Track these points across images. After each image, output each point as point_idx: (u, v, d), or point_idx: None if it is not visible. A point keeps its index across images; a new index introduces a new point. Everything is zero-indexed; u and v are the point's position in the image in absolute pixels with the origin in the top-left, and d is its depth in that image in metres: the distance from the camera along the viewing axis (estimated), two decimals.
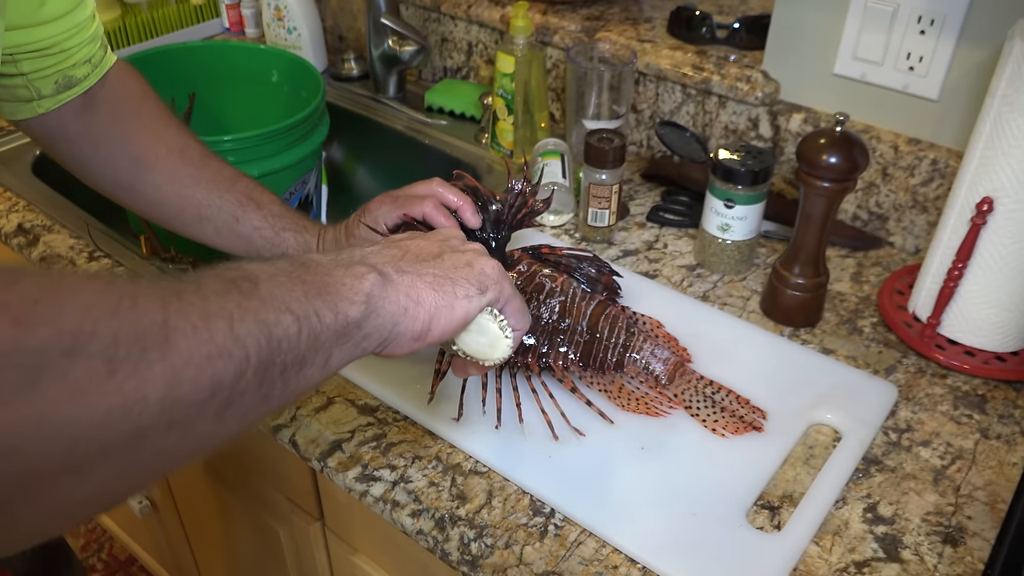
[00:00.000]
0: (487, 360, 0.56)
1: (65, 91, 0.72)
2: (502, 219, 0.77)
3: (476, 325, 0.55)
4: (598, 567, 0.61)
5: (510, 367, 0.73)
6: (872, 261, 0.92)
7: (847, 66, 0.90)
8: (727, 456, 0.69)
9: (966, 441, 0.71)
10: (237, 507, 1.01)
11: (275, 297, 0.41)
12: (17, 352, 0.29)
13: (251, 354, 0.38)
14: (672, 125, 0.93)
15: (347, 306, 0.46)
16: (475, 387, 0.74)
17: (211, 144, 0.98)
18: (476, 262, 0.54)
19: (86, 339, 0.31)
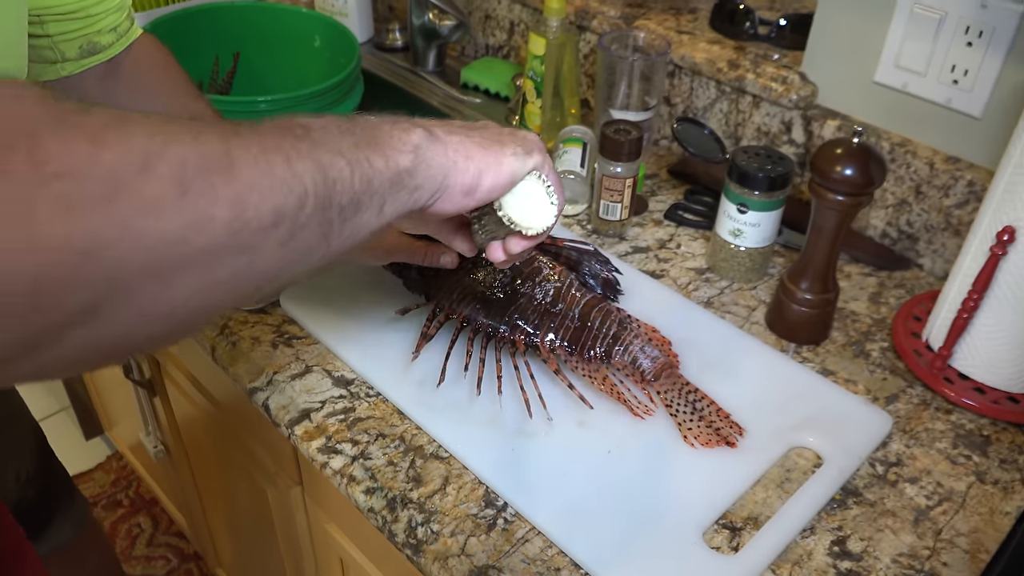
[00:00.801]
0: (531, 228, 0.54)
1: (89, 56, 0.73)
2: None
3: (522, 188, 0.54)
4: (540, 567, 0.60)
5: (496, 342, 0.72)
6: (896, 282, 0.87)
7: (888, 74, 0.85)
8: (695, 469, 0.66)
9: (959, 483, 0.67)
10: (235, 462, 1.03)
11: (327, 142, 0.42)
12: (97, 167, 0.31)
13: (308, 190, 0.40)
14: (691, 121, 0.90)
15: (397, 155, 0.46)
16: (458, 356, 0.73)
17: (246, 105, 1.00)
18: (520, 130, 0.55)
19: (156, 160, 0.33)
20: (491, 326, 0.72)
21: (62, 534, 1.05)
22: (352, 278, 0.82)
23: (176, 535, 1.64)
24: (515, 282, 0.74)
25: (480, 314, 0.73)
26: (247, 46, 1.18)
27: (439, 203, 0.50)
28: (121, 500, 1.71)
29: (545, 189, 0.54)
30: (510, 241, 0.57)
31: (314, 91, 1.01)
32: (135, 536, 1.65)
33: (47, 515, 1.01)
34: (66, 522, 1.05)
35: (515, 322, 0.72)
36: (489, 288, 0.74)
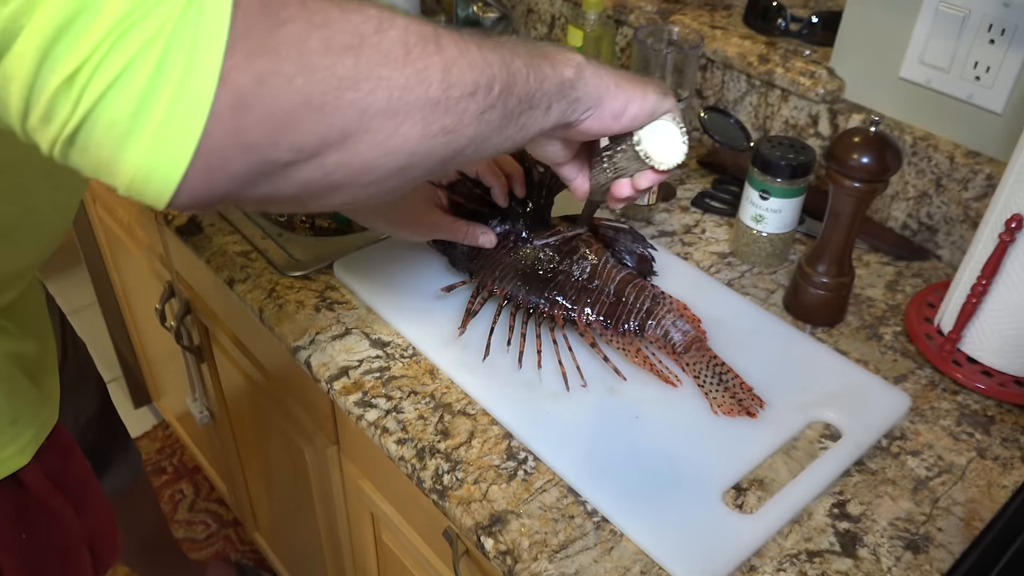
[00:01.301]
0: (662, 164, 0.59)
1: None
2: (544, 183, 0.81)
3: (659, 125, 0.59)
4: (555, 514, 0.65)
5: (536, 317, 0.77)
6: (913, 272, 0.90)
7: (913, 70, 0.88)
8: (719, 437, 0.70)
9: (959, 457, 0.70)
10: (275, 425, 1.09)
11: (506, 46, 0.50)
12: (346, 23, 0.40)
13: (496, 75, 0.47)
14: (717, 110, 0.93)
15: (562, 67, 0.53)
16: (501, 331, 0.78)
17: None
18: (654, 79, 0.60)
19: (387, 26, 0.42)
20: (531, 302, 0.77)
21: (121, 477, 1.12)
22: (401, 257, 0.88)
23: (216, 502, 1.71)
24: (554, 260, 0.78)
25: (521, 291, 0.77)
26: None
27: (589, 121, 0.56)
28: (165, 467, 1.79)
29: (678, 128, 0.59)
30: (640, 176, 0.61)
31: None
32: (177, 501, 1.73)
33: (105, 459, 1.08)
34: (123, 467, 1.12)
35: (554, 298, 0.77)
36: (529, 266, 0.78)
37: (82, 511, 0.75)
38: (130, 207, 1.22)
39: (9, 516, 0.69)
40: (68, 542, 0.74)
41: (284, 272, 0.87)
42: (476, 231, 0.78)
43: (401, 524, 0.86)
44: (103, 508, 0.80)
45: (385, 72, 0.41)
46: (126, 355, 1.76)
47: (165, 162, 0.37)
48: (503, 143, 0.51)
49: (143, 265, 1.31)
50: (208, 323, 1.14)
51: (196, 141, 0.36)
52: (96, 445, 1.05)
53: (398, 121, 0.42)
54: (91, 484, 0.78)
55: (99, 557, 0.78)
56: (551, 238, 0.80)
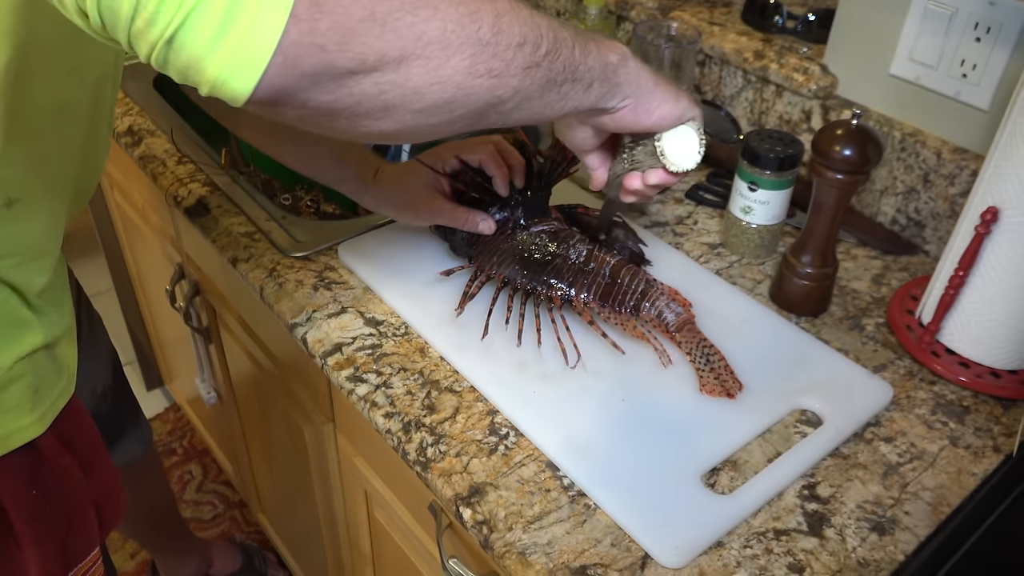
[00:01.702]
0: (674, 165, 0.63)
1: None
2: (543, 173, 0.84)
3: (682, 129, 0.62)
4: (532, 487, 0.67)
5: (534, 299, 0.79)
6: (900, 266, 0.91)
7: (903, 67, 0.89)
8: (702, 420, 0.72)
9: (932, 445, 0.72)
10: (277, 405, 1.12)
11: (555, 20, 0.53)
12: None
13: (543, 35, 0.50)
14: (708, 103, 0.95)
15: (607, 52, 0.56)
16: (499, 313, 0.80)
17: None
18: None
19: None
20: (529, 284, 0.79)
21: (132, 450, 1.16)
22: (402, 241, 0.90)
23: (223, 483, 1.75)
24: (549, 247, 0.81)
25: (519, 274, 0.80)
26: None
27: (624, 112, 0.59)
28: (176, 449, 1.83)
29: (699, 137, 0.62)
30: (651, 173, 0.65)
31: None
32: (186, 482, 1.77)
33: (118, 430, 1.12)
34: (135, 439, 1.16)
35: (551, 281, 0.79)
36: (527, 252, 0.81)
37: (90, 473, 0.79)
38: (145, 191, 1.26)
39: (23, 476, 0.72)
40: (75, 501, 0.77)
41: (286, 253, 0.90)
42: (476, 217, 0.81)
43: (391, 500, 0.89)
44: (109, 472, 0.83)
45: (442, 4, 0.45)
46: (140, 339, 1.80)
47: (250, 57, 0.41)
48: (543, 108, 0.54)
49: (156, 249, 1.35)
50: (216, 304, 1.18)
51: (278, 38, 0.41)
52: (109, 415, 1.08)
53: (450, 53, 0.45)
54: (99, 449, 0.82)
55: (104, 518, 0.82)
56: (547, 225, 0.83)
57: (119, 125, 1.12)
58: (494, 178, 0.82)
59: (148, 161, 1.06)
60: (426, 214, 0.83)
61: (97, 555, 0.80)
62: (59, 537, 0.75)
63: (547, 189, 0.84)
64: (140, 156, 1.07)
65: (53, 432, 0.73)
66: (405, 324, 0.81)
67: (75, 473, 0.76)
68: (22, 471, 0.72)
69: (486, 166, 0.82)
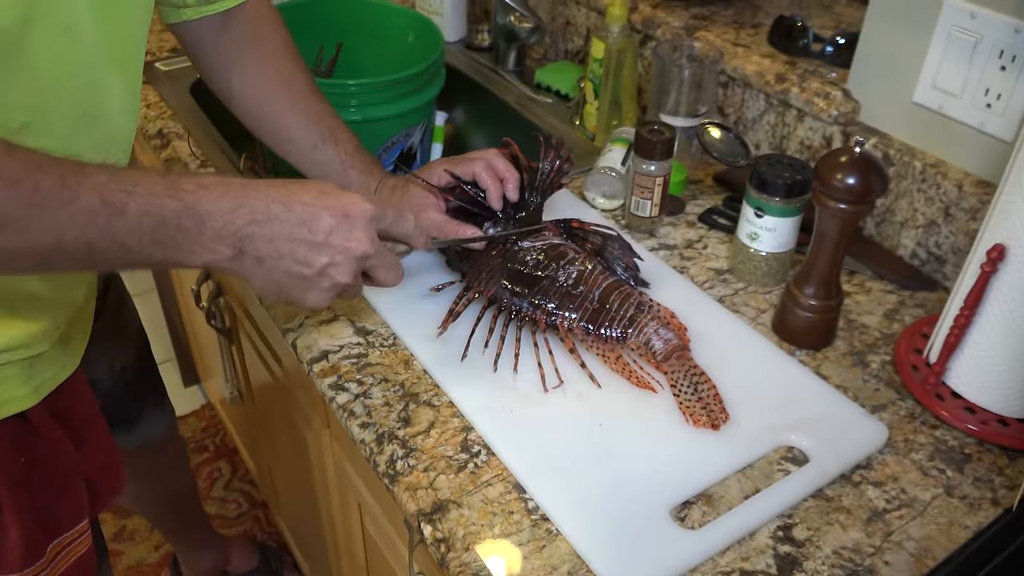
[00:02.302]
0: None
1: (205, 5, 0.85)
2: (535, 186, 0.83)
3: None
4: (495, 508, 0.66)
5: (518, 320, 0.78)
6: (916, 302, 0.87)
7: (926, 95, 0.86)
8: (680, 451, 0.70)
9: (924, 493, 0.68)
10: (284, 409, 1.13)
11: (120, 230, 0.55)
12: None
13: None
14: (717, 125, 0.93)
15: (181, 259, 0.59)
16: (482, 332, 0.79)
17: (338, 87, 1.10)
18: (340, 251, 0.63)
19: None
20: (515, 304, 0.78)
21: (154, 430, 1.19)
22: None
23: (250, 483, 1.78)
24: (540, 264, 0.79)
25: (506, 293, 0.79)
26: (349, 37, 1.29)
27: None
28: (208, 446, 1.87)
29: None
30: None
31: (395, 79, 1.10)
32: (215, 479, 1.80)
33: (137, 409, 1.15)
34: (157, 420, 1.19)
35: (537, 302, 0.78)
36: (516, 269, 0.80)
37: (83, 447, 0.81)
38: None
39: (11, 444, 0.75)
40: (64, 473, 0.79)
41: None
42: (467, 231, 0.81)
43: (376, 510, 0.89)
44: (107, 448, 0.86)
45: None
46: (180, 337, 1.85)
47: None
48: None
49: None
50: (235, 306, 1.20)
51: None
52: (129, 393, 1.11)
53: None
54: (96, 425, 0.84)
55: (98, 492, 0.85)
56: (538, 241, 0.82)
57: (150, 128, 1.15)
58: (487, 191, 0.81)
59: (173, 164, 1.09)
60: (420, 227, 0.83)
61: (85, 527, 0.82)
62: (45, 506, 0.78)
63: (541, 203, 0.84)
64: (166, 159, 1.10)
65: (46, 405, 0.76)
66: (394, 335, 0.81)
67: (66, 446, 0.78)
68: (11, 439, 0.74)
69: (479, 179, 0.81)
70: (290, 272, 0.62)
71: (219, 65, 0.88)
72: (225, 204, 0.59)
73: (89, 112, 0.68)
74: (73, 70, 0.64)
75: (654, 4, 1.14)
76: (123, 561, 1.63)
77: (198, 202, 0.57)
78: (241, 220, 0.59)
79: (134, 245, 0.55)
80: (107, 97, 0.69)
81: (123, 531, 1.68)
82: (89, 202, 0.53)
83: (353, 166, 0.87)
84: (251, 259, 0.60)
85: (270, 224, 0.60)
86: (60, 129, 0.65)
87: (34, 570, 0.77)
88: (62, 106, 0.65)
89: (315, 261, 0.62)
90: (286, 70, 0.89)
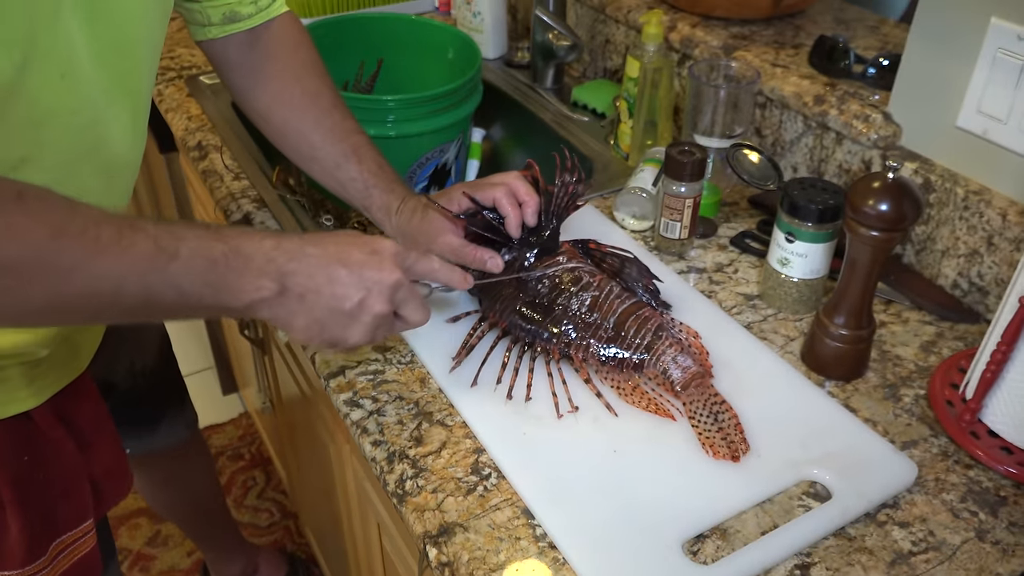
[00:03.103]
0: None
1: (230, 24, 0.86)
2: (549, 210, 0.82)
3: None
4: (502, 534, 0.64)
5: (532, 349, 0.77)
6: (956, 334, 0.83)
7: (970, 120, 0.82)
8: (696, 483, 0.68)
9: (954, 536, 0.64)
10: (309, 422, 1.13)
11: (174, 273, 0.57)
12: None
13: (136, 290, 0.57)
14: (748, 146, 0.91)
15: (230, 300, 0.60)
16: (495, 363, 0.78)
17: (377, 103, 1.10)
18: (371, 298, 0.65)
19: None
20: (528, 335, 0.77)
21: (176, 432, 1.20)
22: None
23: (282, 492, 1.79)
24: (554, 293, 0.78)
25: (520, 324, 0.78)
26: (390, 54, 1.30)
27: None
28: (243, 454, 1.89)
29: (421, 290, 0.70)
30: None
31: (431, 95, 1.10)
32: (249, 487, 1.82)
33: (158, 411, 1.16)
34: (178, 422, 1.20)
35: (551, 331, 0.77)
36: (530, 297, 0.79)
37: (88, 449, 0.82)
38: (210, 204, 1.31)
39: (14, 442, 0.76)
40: (69, 473, 0.81)
41: None
42: (484, 255, 0.79)
43: (392, 529, 0.88)
44: (113, 450, 0.87)
45: None
46: (220, 346, 1.88)
47: None
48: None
49: None
50: None
51: None
52: (149, 395, 1.13)
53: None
54: (103, 427, 0.85)
55: (103, 493, 0.86)
56: (551, 268, 0.80)
57: (189, 140, 1.17)
58: (507, 219, 0.80)
59: (208, 175, 1.10)
60: (437, 252, 0.82)
61: (89, 527, 0.83)
62: (47, 505, 0.79)
63: (557, 226, 0.82)
64: (203, 170, 1.12)
65: (51, 406, 0.77)
66: (412, 352, 0.81)
67: (69, 447, 0.80)
68: (14, 438, 0.75)
69: (499, 206, 0.80)
70: (331, 308, 0.63)
71: (246, 82, 0.89)
72: (266, 245, 0.61)
73: (90, 144, 0.69)
74: (75, 108, 0.66)
75: (693, 23, 1.12)
76: (156, 566, 1.65)
77: (242, 244, 0.60)
78: (282, 258, 0.61)
79: (187, 287, 0.57)
80: (110, 130, 0.71)
81: (157, 536, 1.71)
82: (145, 248, 0.55)
83: (376, 185, 0.87)
84: (294, 296, 0.62)
85: (307, 260, 0.62)
86: (60, 161, 0.67)
87: (35, 567, 0.78)
88: (62, 141, 0.67)
89: (352, 294, 0.63)
90: (312, 87, 0.89)
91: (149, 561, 1.66)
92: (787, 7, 1.13)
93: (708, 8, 1.13)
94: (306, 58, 0.91)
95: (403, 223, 0.85)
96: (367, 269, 0.64)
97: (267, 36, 0.88)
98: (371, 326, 0.65)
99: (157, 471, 1.27)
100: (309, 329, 0.64)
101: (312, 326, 0.64)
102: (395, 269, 0.65)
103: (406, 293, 0.66)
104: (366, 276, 0.64)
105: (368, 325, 0.65)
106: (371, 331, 0.65)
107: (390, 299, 0.65)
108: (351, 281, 0.63)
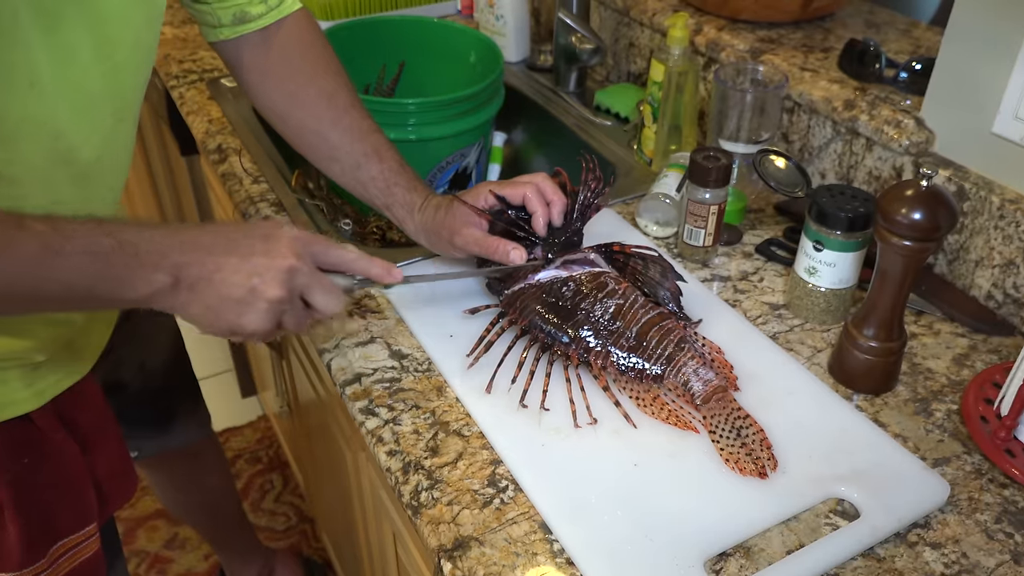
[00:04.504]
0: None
1: (241, 24, 0.85)
2: (573, 211, 0.81)
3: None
4: (519, 548, 0.63)
5: (550, 353, 0.75)
6: (990, 348, 0.81)
7: (1007, 126, 0.80)
8: (720, 498, 0.66)
9: (988, 559, 0.62)
10: (326, 428, 1.12)
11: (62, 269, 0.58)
12: None
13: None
14: (775, 152, 0.88)
15: (126, 292, 0.61)
16: (511, 365, 0.76)
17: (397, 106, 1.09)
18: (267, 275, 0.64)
19: None
20: (548, 337, 0.76)
21: (189, 432, 1.20)
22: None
23: (300, 496, 1.78)
24: (578, 297, 0.76)
25: (540, 324, 0.76)
26: (412, 57, 1.29)
27: None
28: (261, 457, 1.89)
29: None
30: None
31: (452, 98, 1.09)
32: (266, 491, 1.81)
33: (169, 410, 1.16)
34: (191, 422, 1.20)
35: (572, 335, 0.75)
36: (552, 300, 0.77)
37: (92, 452, 0.82)
38: (228, 207, 1.31)
39: (14, 444, 0.76)
40: (71, 476, 0.80)
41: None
42: (507, 247, 0.78)
43: (407, 540, 0.86)
44: (117, 453, 0.87)
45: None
46: (240, 349, 1.88)
47: None
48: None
49: None
50: None
51: None
52: (161, 395, 1.12)
53: None
54: (107, 430, 0.85)
55: (107, 496, 0.85)
56: (579, 268, 0.79)
57: (210, 143, 1.17)
58: (534, 216, 0.79)
59: (228, 178, 1.10)
60: (460, 243, 0.81)
61: (92, 531, 0.83)
62: (48, 508, 0.78)
63: (581, 226, 0.81)
64: (223, 173, 1.11)
65: (52, 408, 0.76)
66: (429, 360, 0.79)
67: (71, 449, 0.79)
68: (14, 440, 0.75)
69: (528, 203, 0.79)
70: (222, 295, 0.63)
71: (260, 83, 0.88)
72: (158, 237, 0.62)
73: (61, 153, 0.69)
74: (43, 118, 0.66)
75: (719, 27, 1.10)
76: (173, 568, 1.65)
77: (130, 238, 0.60)
78: (175, 250, 0.62)
79: (75, 281, 0.58)
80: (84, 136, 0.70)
81: (175, 538, 1.71)
82: (30, 246, 0.57)
83: (397, 183, 0.86)
84: (186, 287, 0.62)
85: (199, 251, 0.63)
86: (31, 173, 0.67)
87: (33, 570, 0.77)
88: (32, 152, 0.66)
89: (241, 280, 0.63)
90: (328, 87, 0.88)
91: (166, 564, 1.66)
92: (816, 10, 1.11)
93: (735, 11, 1.11)
94: (320, 57, 0.89)
95: (427, 220, 0.84)
96: (256, 256, 0.64)
97: (279, 36, 0.87)
98: (268, 312, 0.64)
99: (171, 472, 1.27)
100: (204, 317, 0.64)
101: (206, 314, 0.63)
102: (289, 255, 0.64)
103: (307, 279, 0.65)
104: (255, 262, 0.64)
105: (264, 312, 0.64)
106: (270, 317, 0.65)
107: (284, 284, 0.64)
108: (240, 267, 0.63)
